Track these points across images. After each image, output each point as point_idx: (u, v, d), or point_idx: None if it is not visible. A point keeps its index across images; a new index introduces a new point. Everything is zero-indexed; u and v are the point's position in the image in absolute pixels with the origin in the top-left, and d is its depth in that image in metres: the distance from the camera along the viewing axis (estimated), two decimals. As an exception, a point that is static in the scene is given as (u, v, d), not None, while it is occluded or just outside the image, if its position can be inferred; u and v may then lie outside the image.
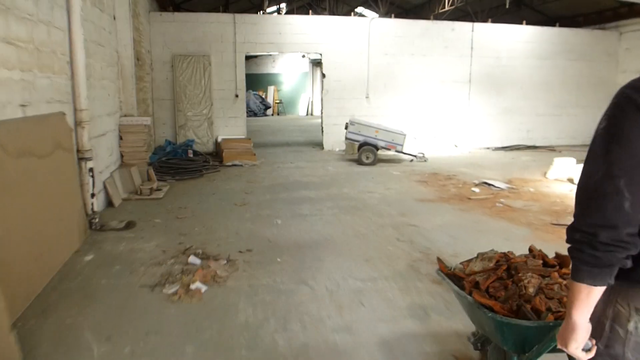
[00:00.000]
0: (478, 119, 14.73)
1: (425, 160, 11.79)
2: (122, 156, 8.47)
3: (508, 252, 2.90)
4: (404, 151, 11.64)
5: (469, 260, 2.92)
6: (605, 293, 1.49)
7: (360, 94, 13.80)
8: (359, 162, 11.39)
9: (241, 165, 11.09)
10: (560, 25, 15.65)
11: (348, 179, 9.73)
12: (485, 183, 9.29)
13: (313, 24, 13.29)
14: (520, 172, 10.65)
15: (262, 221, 6.66)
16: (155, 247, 5.48)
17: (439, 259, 2.93)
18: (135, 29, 10.25)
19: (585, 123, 15.69)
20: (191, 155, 11.94)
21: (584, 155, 1.52)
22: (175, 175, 9.67)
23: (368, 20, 13.73)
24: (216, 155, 12.16)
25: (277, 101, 29.91)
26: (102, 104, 7.49)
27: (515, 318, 2.32)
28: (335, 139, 13.68)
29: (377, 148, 11.41)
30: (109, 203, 7.26)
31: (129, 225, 6.25)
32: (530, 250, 2.94)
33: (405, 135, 11.60)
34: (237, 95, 12.99)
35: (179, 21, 12.47)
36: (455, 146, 14.46)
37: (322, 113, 13.84)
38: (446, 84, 14.33)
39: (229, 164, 11.08)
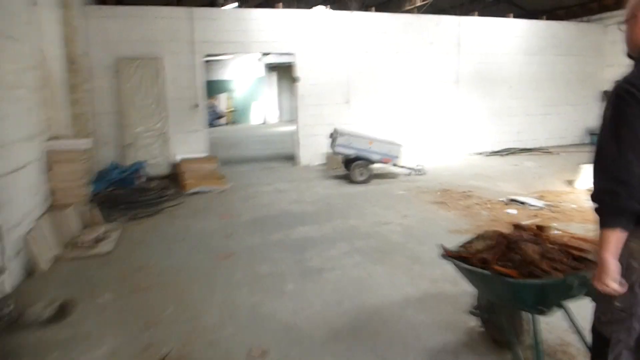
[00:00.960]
0: (468, 121, 13.11)
1: (423, 174, 9.97)
2: (52, 195, 6.14)
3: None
4: (401, 164, 9.80)
5: (469, 242, 3.21)
6: (633, 242, 2.00)
7: (340, 99, 11.87)
8: (352, 179, 9.43)
9: (208, 192, 8.88)
10: (542, 20, 14.33)
11: (348, 205, 7.74)
12: (515, 200, 7.56)
13: (283, 20, 11.24)
14: (540, 183, 9.00)
15: (264, 286, 4.57)
16: (107, 361, 3.31)
17: (442, 246, 3.17)
18: (66, 23, 7.88)
19: (574, 122, 14.43)
20: (143, 180, 9.65)
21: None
22: (127, 211, 7.38)
23: (347, 14, 11.80)
24: (175, 179, 9.91)
25: (230, 109, 27.56)
26: (16, 123, 5.18)
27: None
28: (313, 152, 11.68)
29: (371, 162, 9.49)
30: (32, 270, 4.95)
31: (63, 311, 4.00)
32: (515, 226, 3.25)
33: (401, 146, 9.75)
34: (196, 105, 10.75)
35: (123, 16, 10.10)
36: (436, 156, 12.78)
37: (297, 122, 11.79)
38: (433, 84, 12.62)
39: (193, 190, 8.84)
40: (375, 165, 9.61)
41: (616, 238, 1.94)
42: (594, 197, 2.01)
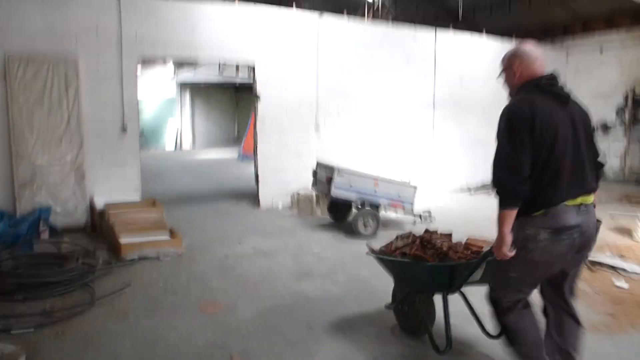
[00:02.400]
0: (444, 152, 11.20)
1: (432, 222, 7.71)
2: None
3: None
4: (413, 210, 7.48)
5: (389, 243, 3.80)
6: (519, 224, 2.53)
7: (309, 123, 9.35)
8: (354, 231, 6.90)
9: (156, 259, 5.85)
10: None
11: (382, 281, 5.18)
12: (599, 263, 5.53)
13: (241, 18, 8.54)
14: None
15: None
16: None
17: (367, 245, 3.85)
18: None
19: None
20: (47, 238, 6.44)
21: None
22: (31, 302, 4.22)
23: (316, 16, 9.36)
24: (98, 234, 6.75)
25: (137, 133, 23.74)
26: None
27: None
28: (277, 191, 8.99)
29: (377, 208, 7.07)
30: None
31: None
32: (426, 230, 3.88)
33: (415, 188, 7.45)
34: (124, 129, 7.64)
35: (15, -3, 6.83)
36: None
37: (255, 152, 9.05)
38: (410, 108, 10.56)
39: (133, 256, 5.77)
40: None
41: (510, 216, 2.51)
42: (495, 184, 2.57)
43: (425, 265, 3.26)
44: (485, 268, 3.07)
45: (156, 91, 24.19)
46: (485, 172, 10.29)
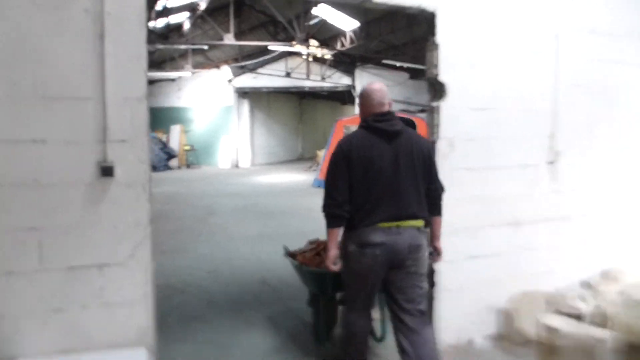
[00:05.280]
0: None
1: None
2: None
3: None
4: None
5: (306, 248, 3.85)
6: (342, 240, 2.82)
7: (535, 150, 4.00)
8: None
9: None
10: None
11: None
12: None
13: None
14: None
15: None
16: None
17: (284, 247, 3.85)
18: None
19: None
20: None
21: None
22: None
23: None
24: None
25: (186, 147, 19.08)
26: None
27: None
28: (467, 304, 3.70)
29: None
30: None
31: None
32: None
33: None
34: (107, 170, 2.55)
35: None
36: None
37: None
38: None
39: None
40: None
41: (332, 234, 2.78)
42: (323, 208, 2.79)
43: (303, 268, 3.46)
44: None
45: (210, 99, 19.51)
46: None
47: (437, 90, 3.57)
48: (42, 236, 2.47)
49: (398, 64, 16.07)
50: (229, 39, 11.64)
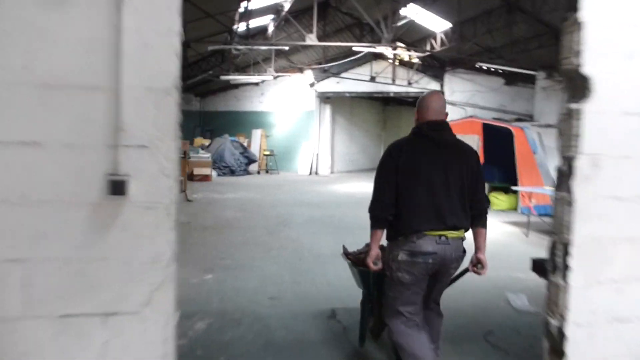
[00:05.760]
0: None
1: None
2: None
3: None
4: None
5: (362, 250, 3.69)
6: (388, 247, 2.87)
7: None
8: None
9: None
10: None
11: None
12: None
13: None
14: None
15: None
16: None
17: (343, 246, 3.78)
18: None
19: None
20: None
21: None
22: None
23: None
24: None
25: (266, 152, 18.83)
26: None
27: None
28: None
29: None
30: None
31: None
32: None
33: None
34: (117, 187, 1.87)
35: None
36: None
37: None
38: None
39: None
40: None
41: (375, 235, 2.82)
42: (369, 210, 2.83)
43: (353, 267, 3.53)
44: None
45: (292, 103, 19.15)
46: None
47: (579, 86, 2.55)
48: (28, 272, 1.83)
49: (495, 67, 14.65)
50: (312, 40, 11.01)
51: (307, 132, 18.90)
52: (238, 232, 7.73)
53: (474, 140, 11.35)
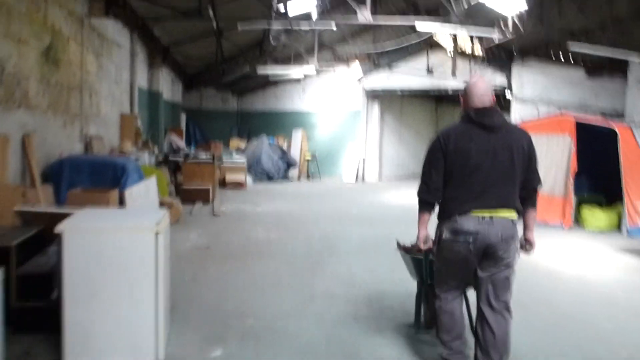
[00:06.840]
0: None
1: None
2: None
3: None
4: None
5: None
6: (437, 227, 3.02)
7: None
8: None
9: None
10: None
11: None
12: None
13: None
14: None
15: None
16: None
17: (397, 241, 3.96)
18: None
19: None
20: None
21: None
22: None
23: None
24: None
25: (308, 157, 16.86)
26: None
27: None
28: None
29: None
30: None
31: None
32: None
33: None
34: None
35: None
36: None
37: None
38: None
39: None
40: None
41: (423, 217, 3.04)
42: (418, 197, 3.04)
43: (408, 255, 3.70)
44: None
45: (336, 102, 17.14)
46: None
47: None
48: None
49: (587, 50, 12.05)
50: (365, 18, 8.92)
51: (352, 134, 16.83)
52: (269, 265, 5.76)
53: (565, 142, 8.97)
